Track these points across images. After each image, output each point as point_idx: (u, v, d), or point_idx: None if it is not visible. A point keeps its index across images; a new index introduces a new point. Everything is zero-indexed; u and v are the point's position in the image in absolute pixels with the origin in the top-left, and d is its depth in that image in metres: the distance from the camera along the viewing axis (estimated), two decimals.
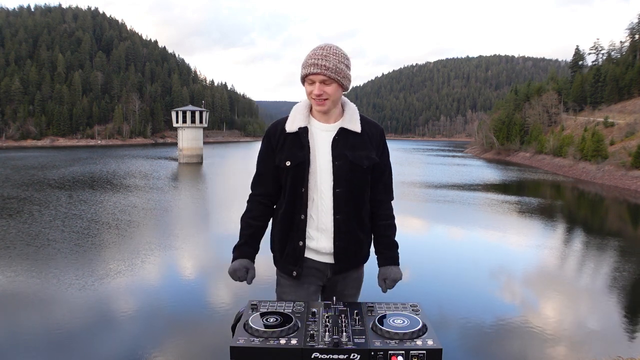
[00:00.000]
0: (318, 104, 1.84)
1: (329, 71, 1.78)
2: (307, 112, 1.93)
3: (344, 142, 1.87)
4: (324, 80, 1.79)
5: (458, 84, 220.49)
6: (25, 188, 23.79)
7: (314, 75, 1.79)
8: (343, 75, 1.82)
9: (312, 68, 1.79)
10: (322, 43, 1.88)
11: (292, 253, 1.93)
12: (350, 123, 1.89)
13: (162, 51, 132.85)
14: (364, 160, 1.87)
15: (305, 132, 1.88)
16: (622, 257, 12.56)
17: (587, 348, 7.10)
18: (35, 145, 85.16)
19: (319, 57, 1.79)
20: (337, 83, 1.82)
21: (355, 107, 1.97)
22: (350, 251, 1.92)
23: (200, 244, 13.58)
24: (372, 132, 1.93)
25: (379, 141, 1.95)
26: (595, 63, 64.40)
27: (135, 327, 7.62)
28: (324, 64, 1.78)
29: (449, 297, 8.95)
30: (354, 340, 1.27)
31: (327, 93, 1.81)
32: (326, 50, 1.81)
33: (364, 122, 1.93)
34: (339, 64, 1.80)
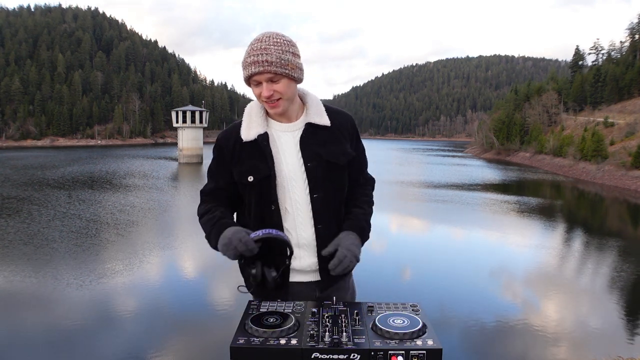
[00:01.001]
0: (271, 106, 1.58)
1: (272, 66, 1.51)
2: (263, 113, 1.66)
3: (314, 140, 1.63)
4: (270, 79, 1.53)
5: (458, 84, 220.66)
6: (25, 188, 23.80)
7: (257, 75, 1.53)
8: (291, 67, 1.55)
9: (253, 67, 1.52)
10: (260, 34, 1.59)
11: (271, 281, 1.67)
12: (317, 116, 1.65)
13: (162, 51, 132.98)
14: (340, 156, 1.64)
15: (265, 139, 1.61)
16: (622, 257, 12.56)
17: (587, 348, 7.11)
18: (35, 145, 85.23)
19: (257, 52, 1.52)
20: (287, 77, 1.55)
21: (317, 97, 1.73)
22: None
23: (199, 243, 13.56)
24: (342, 123, 1.70)
25: (352, 132, 1.72)
26: (595, 63, 64.46)
27: (134, 326, 7.62)
28: (265, 59, 1.51)
29: (449, 297, 8.95)
30: (354, 340, 1.27)
31: (278, 92, 1.56)
32: (265, 42, 1.53)
33: (332, 113, 1.69)
34: (283, 54, 1.53)
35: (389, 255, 11.75)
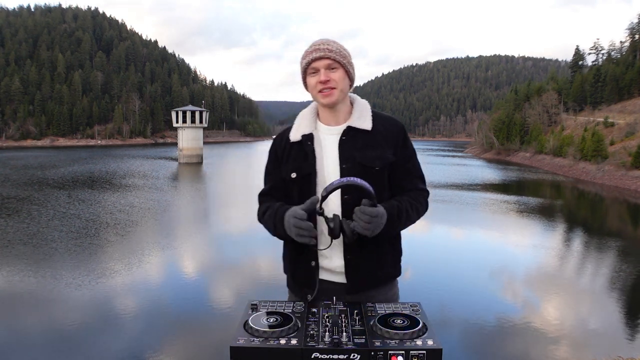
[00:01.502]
0: (325, 94, 1.65)
1: (333, 54, 1.62)
2: (313, 117, 1.77)
3: (352, 143, 1.68)
4: (329, 65, 1.63)
5: (458, 84, 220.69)
6: (25, 188, 23.80)
7: (317, 61, 1.63)
8: (349, 62, 1.67)
9: (314, 53, 1.63)
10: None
11: (305, 275, 1.71)
12: (359, 120, 1.70)
13: (162, 51, 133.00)
14: (376, 160, 1.66)
15: (309, 139, 1.72)
16: (622, 257, 12.56)
17: (587, 348, 7.11)
18: (35, 145, 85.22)
19: (319, 43, 1.65)
20: (344, 69, 1.66)
21: (366, 102, 1.78)
22: (365, 267, 1.68)
23: (199, 243, 13.58)
24: (387, 128, 1.72)
25: (397, 138, 1.72)
26: (595, 63, 64.44)
27: (133, 326, 7.62)
28: (326, 47, 1.63)
29: (450, 297, 8.95)
30: (354, 340, 1.27)
31: (334, 80, 1.64)
32: (326, 39, 1.67)
33: (378, 119, 1.73)
34: (342, 49, 1.66)
35: None
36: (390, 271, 1.78)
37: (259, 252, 12.14)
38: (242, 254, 12.08)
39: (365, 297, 1.67)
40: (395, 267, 1.79)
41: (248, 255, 11.90)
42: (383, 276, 1.75)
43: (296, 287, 1.78)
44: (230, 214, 18.10)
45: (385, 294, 1.76)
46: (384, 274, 1.75)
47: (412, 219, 1.71)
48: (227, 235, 14.69)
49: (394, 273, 1.80)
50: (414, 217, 1.71)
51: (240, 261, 11.51)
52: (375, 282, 1.72)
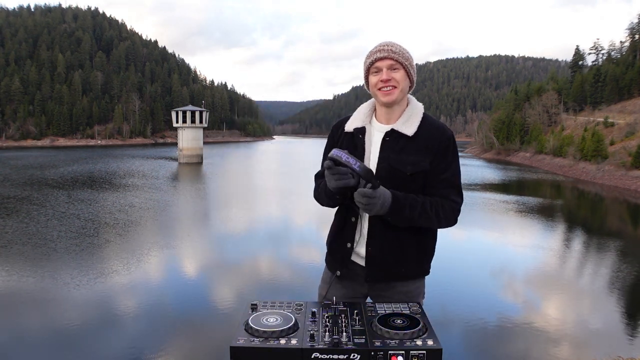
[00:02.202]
0: (385, 93, 1.72)
1: (396, 55, 1.70)
2: (369, 112, 1.86)
3: (392, 145, 1.75)
4: (391, 65, 1.71)
5: (458, 84, 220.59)
6: (24, 187, 23.79)
7: (380, 61, 1.71)
8: (410, 64, 1.74)
9: (378, 53, 1.72)
10: None
11: (340, 254, 1.85)
12: (404, 125, 1.75)
13: (162, 51, 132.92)
14: (408, 166, 1.71)
15: (361, 133, 1.81)
16: (622, 258, 12.56)
17: (587, 348, 7.10)
18: (35, 145, 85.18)
19: (383, 45, 1.74)
20: (405, 70, 1.73)
21: (420, 107, 1.82)
22: (386, 259, 1.77)
23: (199, 243, 13.57)
24: (431, 136, 1.74)
25: (439, 147, 1.73)
26: (595, 63, 64.40)
27: (133, 326, 7.61)
28: (390, 48, 1.71)
29: (450, 297, 8.95)
30: (354, 340, 1.27)
31: (395, 79, 1.71)
32: (389, 42, 1.76)
33: (426, 125, 1.76)
34: (405, 52, 1.74)
35: None
36: (412, 269, 1.82)
37: (259, 252, 12.14)
38: (243, 254, 12.07)
39: (386, 286, 1.80)
40: (419, 266, 1.84)
41: (248, 256, 11.90)
42: (404, 272, 1.80)
43: (331, 263, 1.92)
44: (231, 214, 18.09)
45: (407, 287, 1.82)
46: (404, 270, 1.80)
47: (430, 219, 1.71)
48: (227, 235, 14.69)
49: (417, 271, 1.85)
50: (432, 217, 1.71)
51: (241, 261, 11.51)
52: (395, 276, 1.79)
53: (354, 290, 1.85)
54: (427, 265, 1.88)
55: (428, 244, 1.86)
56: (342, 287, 1.87)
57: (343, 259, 1.83)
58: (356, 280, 1.84)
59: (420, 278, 1.87)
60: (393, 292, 1.81)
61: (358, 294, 1.86)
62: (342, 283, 1.87)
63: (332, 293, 1.84)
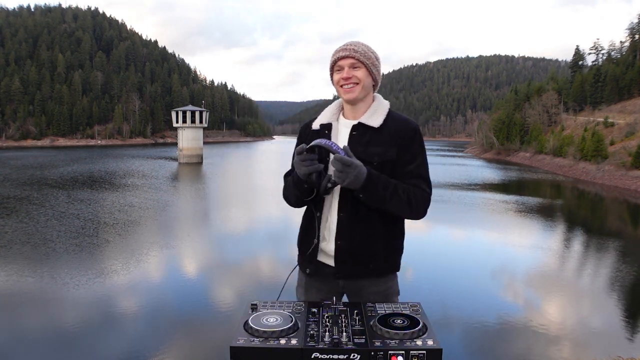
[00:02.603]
0: (347, 90, 1.79)
1: (357, 54, 1.76)
2: (336, 110, 1.92)
3: (360, 138, 1.78)
4: (352, 64, 1.77)
5: (458, 84, 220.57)
6: (24, 187, 23.78)
7: (342, 60, 1.78)
8: (372, 63, 1.79)
9: (341, 52, 1.78)
10: None
11: (307, 250, 1.87)
12: (370, 118, 1.80)
13: (162, 51, 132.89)
14: (375, 156, 1.74)
15: (327, 129, 1.86)
16: (622, 258, 12.56)
17: (587, 348, 7.10)
18: (35, 145, 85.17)
19: (347, 44, 1.80)
20: (367, 69, 1.78)
21: (386, 103, 1.88)
22: (355, 255, 1.77)
23: (199, 243, 13.57)
24: (397, 128, 1.79)
25: (404, 138, 1.77)
26: (595, 63, 64.42)
27: (132, 326, 7.61)
28: (352, 47, 1.77)
29: (450, 297, 8.95)
30: (354, 340, 1.27)
31: (356, 77, 1.77)
32: (354, 42, 1.81)
33: (391, 118, 1.82)
34: (368, 51, 1.79)
35: None
36: (382, 265, 1.82)
37: (259, 252, 12.14)
38: (243, 254, 12.08)
39: (356, 285, 1.81)
40: (389, 262, 1.84)
41: (248, 256, 11.90)
42: (374, 269, 1.80)
43: (301, 261, 1.93)
44: (231, 214, 18.10)
45: (378, 286, 1.82)
46: (374, 267, 1.80)
47: (401, 203, 1.71)
48: (228, 235, 14.69)
49: (388, 268, 1.85)
50: (403, 202, 1.71)
51: (241, 261, 11.51)
52: (364, 272, 1.80)
53: (329, 292, 1.84)
54: (397, 261, 1.88)
55: (396, 239, 1.86)
56: (317, 291, 1.88)
57: (310, 255, 1.84)
58: (328, 281, 1.84)
59: (391, 275, 1.87)
60: (367, 292, 1.81)
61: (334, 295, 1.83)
62: (316, 285, 1.88)
63: (309, 297, 1.86)
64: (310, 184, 1.70)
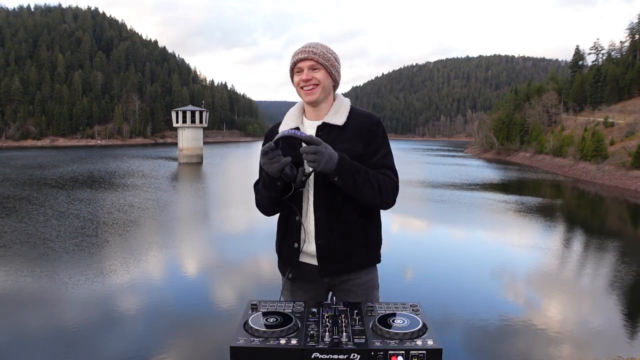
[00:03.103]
0: (307, 92, 1.80)
1: (316, 56, 1.77)
2: (299, 113, 1.94)
3: (326, 137, 1.78)
4: (312, 66, 1.78)
5: (458, 84, 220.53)
6: (23, 187, 23.78)
7: (301, 62, 1.79)
8: (332, 64, 1.81)
9: (299, 55, 1.79)
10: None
11: (287, 255, 1.89)
12: (334, 117, 1.83)
13: (162, 51, 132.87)
14: (343, 153, 1.73)
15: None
16: (622, 258, 12.56)
17: (588, 348, 7.11)
18: (35, 145, 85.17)
19: (306, 46, 1.81)
20: (326, 70, 1.80)
21: (347, 101, 1.91)
22: (337, 253, 1.80)
23: (199, 243, 13.57)
24: (360, 124, 1.83)
25: (368, 132, 1.81)
26: (595, 63, 64.40)
27: (132, 326, 7.61)
28: (311, 49, 1.78)
29: (450, 297, 8.95)
30: (354, 340, 1.27)
31: (316, 78, 1.78)
32: (314, 44, 1.82)
33: (354, 115, 1.85)
34: (327, 53, 1.80)
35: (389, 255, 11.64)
36: (363, 258, 1.87)
37: (259, 252, 12.14)
38: (243, 254, 12.08)
39: (340, 279, 1.85)
40: (369, 255, 1.89)
41: (248, 255, 11.90)
42: (356, 262, 1.85)
43: (282, 267, 1.95)
44: (231, 214, 18.10)
45: (360, 278, 1.88)
46: (356, 260, 1.85)
47: (373, 187, 1.73)
48: (228, 235, 14.69)
49: (369, 260, 1.90)
50: (374, 186, 1.73)
51: (241, 261, 11.51)
52: (347, 267, 1.84)
53: (315, 291, 1.89)
54: (377, 253, 1.93)
55: (374, 231, 1.90)
56: (303, 292, 1.91)
57: (292, 260, 1.86)
58: (312, 281, 1.87)
59: (372, 267, 1.93)
60: (350, 284, 1.85)
61: (319, 294, 1.91)
62: (301, 286, 1.90)
63: (295, 299, 1.88)
64: (286, 179, 1.70)
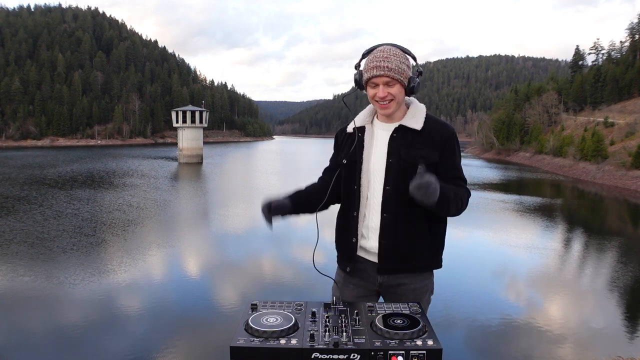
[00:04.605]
0: (383, 107, 1.83)
1: (392, 72, 1.77)
2: (371, 113, 1.97)
3: (401, 140, 1.84)
4: (387, 82, 1.79)
5: (458, 84, 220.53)
6: (23, 187, 23.76)
7: (377, 77, 1.78)
8: (405, 76, 1.81)
9: (374, 71, 1.78)
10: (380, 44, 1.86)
11: (346, 249, 1.93)
12: (411, 120, 1.86)
13: (162, 51, 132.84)
14: (419, 158, 1.79)
15: (361, 131, 1.92)
16: (622, 258, 12.56)
17: (588, 348, 7.10)
18: (35, 145, 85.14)
19: (380, 59, 1.78)
20: (400, 84, 1.80)
21: (422, 107, 1.93)
22: (398, 253, 1.83)
23: (199, 243, 13.57)
24: (437, 131, 1.84)
25: (444, 141, 1.84)
26: (595, 63, 64.41)
27: (131, 326, 7.61)
28: (386, 65, 1.77)
29: (449, 297, 8.95)
30: (354, 340, 1.27)
31: (391, 94, 1.80)
32: (386, 52, 1.80)
33: (430, 121, 1.87)
34: (400, 64, 1.79)
35: None
36: (425, 261, 1.90)
37: (259, 252, 12.13)
38: (243, 254, 12.07)
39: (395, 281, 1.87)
40: (432, 259, 1.91)
41: (248, 255, 11.89)
42: (416, 265, 1.88)
43: (340, 260, 1.99)
44: (231, 214, 18.09)
45: (416, 283, 1.89)
46: (417, 263, 1.87)
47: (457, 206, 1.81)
48: (228, 235, 14.68)
49: (430, 264, 1.92)
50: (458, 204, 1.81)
51: (241, 261, 11.51)
52: (407, 268, 1.86)
53: (366, 289, 1.92)
54: (439, 258, 1.95)
55: (439, 236, 1.93)
56: (353, 287, 1.93)
57: (350, 254, 1.91)
58: (366, 278, 1.90)
59: (430, 272, 1.94)
60: (405, 289, 1.87)
61: (369, 293, 1.92)
62: (353, 282, 1.93)
63: (345, 293, 1.91)
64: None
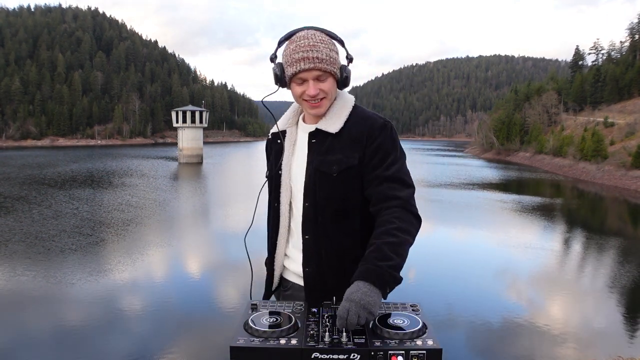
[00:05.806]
0: (313, 106, 1.49)
1: (323, 64, 1.43)
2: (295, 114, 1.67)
3: (318, 146, 1.52)
4: (318, 77, 1.45)
5: (458, 84, 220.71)
6: (22, 186, 23.77)
7: (305, 72, 1.44)
8: (338, 66, 1.49)
9: (302, 63, 1.42)
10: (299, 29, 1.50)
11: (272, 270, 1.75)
12: (329, 122, 1.51)
13: (162, 51, 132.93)
14: (334, 166, 1.48)
15: (278, 137, 1.63)
16: (622, 258, 12.56)
17: (588, 348, 7.10)
18: (35, 145, 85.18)
19: (306, 48, 1.43)
20: (333, 76, 1.48)
21: (350, 101, 1.56)
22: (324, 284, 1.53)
23: (199, 243, 13.58)
24: (359, 129, 1.49)
25: (368, 139, 1.48)
26: (595, 63, 64.45)
27: (131, 326, 7.61)
28: (315, 55, 1.42)
29: (449, 297, 8.95)
30: (354, 340, 1.27)
31: (324, 91, 1.47)
32: (311, 38, 1.44)
33: (356, 119, 1.52)
34: (330, 52, 1.46)
35: None
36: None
37: (259, 252, 12.13)
38: (243, 254, 12.04)
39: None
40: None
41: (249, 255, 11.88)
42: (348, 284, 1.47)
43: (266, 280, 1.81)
44: (231, 214, 18.10)
45: None
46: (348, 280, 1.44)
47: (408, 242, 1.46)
48: (228, 235, 14.68)
49: None
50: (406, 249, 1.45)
51: (241, 261, 11.51)
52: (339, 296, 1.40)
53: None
54: None
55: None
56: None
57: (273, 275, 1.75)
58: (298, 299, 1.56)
59: None
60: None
61: None
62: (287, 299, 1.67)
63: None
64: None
